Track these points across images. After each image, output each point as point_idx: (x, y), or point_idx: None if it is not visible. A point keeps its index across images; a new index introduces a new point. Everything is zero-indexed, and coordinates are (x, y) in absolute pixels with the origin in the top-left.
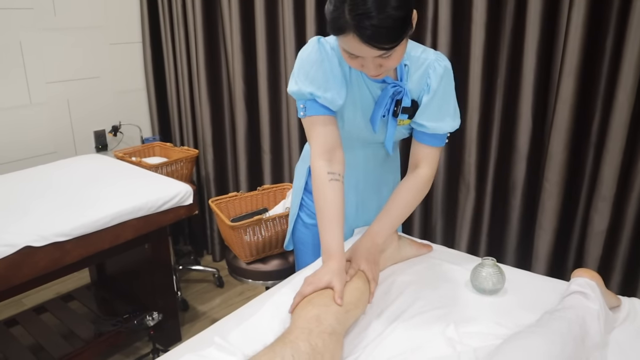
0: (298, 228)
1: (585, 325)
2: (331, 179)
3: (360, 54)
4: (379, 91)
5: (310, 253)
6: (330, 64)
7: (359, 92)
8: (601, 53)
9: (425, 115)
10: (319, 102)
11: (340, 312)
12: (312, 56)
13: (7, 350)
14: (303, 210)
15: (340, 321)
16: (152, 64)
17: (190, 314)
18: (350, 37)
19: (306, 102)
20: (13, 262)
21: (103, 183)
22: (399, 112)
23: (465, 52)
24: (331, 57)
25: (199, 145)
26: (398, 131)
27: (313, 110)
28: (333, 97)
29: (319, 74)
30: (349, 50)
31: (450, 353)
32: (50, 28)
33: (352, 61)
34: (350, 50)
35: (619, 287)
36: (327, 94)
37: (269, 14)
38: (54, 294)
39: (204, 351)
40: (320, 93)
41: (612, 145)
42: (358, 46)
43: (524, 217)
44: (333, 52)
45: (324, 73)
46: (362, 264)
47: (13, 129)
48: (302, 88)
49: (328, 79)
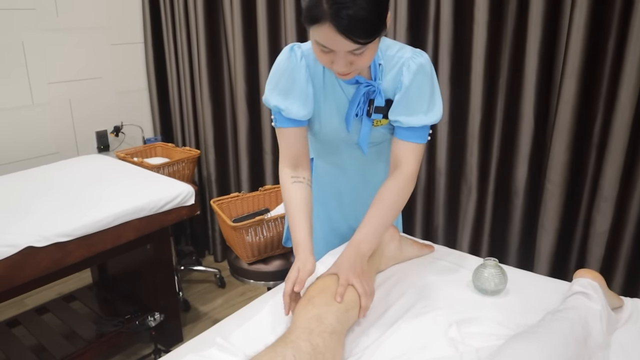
0: None
1: (587, 326)
2: (294, 182)
3: (333, 47)
4: (352, 91)
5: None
6: (297, 73)
7: (334, 95)
8: (603, 54)
9: (396, 110)
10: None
11: (341, 311)
12: (281, 65)
13: (9, 351)
14: None
15: (340, 320)
16: (154, 65)
17: (191, 315)
18: (325, 28)
19: (275, 113)
20: (15, 263)
21: (105, 183)
22: (372, 111)
23: (467, 52)
24: (299, 67)
25: (200, 145)
26: (376, 131)
27: (280, 122)
28: (297, 110)
29: (286, 85)
30: (322, 43)
31: (452, 353)
32: (53, 28)
33: (323, 56)
34: (323, 42)
35: (622, 287)
36: (293, 107)
37: (271, 14)
38: (55, 294)
39: (205, 352)
40: (284, 106)
41: (614, 146)
42: (332, 37)
43: (526, 218)
44: (303, 60)
45: (291, 83)
46: (351, 278)
47: (15, 129)
48: (270, 100)
49: (293, 89)
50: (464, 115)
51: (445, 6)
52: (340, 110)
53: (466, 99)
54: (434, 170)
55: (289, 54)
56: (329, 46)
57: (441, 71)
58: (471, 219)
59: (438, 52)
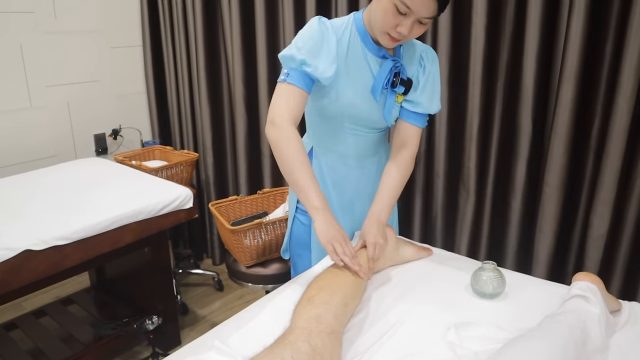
0: (295, 231)
1: (586, 329)
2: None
3: (417, 9)
4: (377, 66)
5: (308, 257)
6: (328, 41)
7: (358, 69)
8: (601, 57)
9: (421, 93)
10: (306, 73)
11: (340, 308)
12: (313, 30)
13: (7, 354)
14: (299, 212)
15: (339, 318)
16: (152, 68)
17: (190, 318)
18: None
19: (292, 69)
20: (13, 266)
21: (103, 187)
22: (398, 82)
23: (465, 55)
24: (330, 35)
25: (199, 148)
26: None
27: (295, 79)
28: (324, 69)
29: (316, 46)
30: (409, 3)
31: (450, 357)
32: (51, 32)
33: (392, 18)
34: (410, 3)
35: (620, 291)
36: (320, 64)
37: (269, 17)
38: (53, 297)
39: (203, 355)
40: (313, 62)
41: (612, 150)
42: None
43: (524, 221)
44: (332, 30)
45: (320, 46)
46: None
47: (13, 132)
48: (296, 54)
49: (323, 51)
50: (462, 118)
51: None
52: (364, 83)
53: (464, 102)
54: (432, 174)
55: (318, 22)
56: (413, 8)
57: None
58: (469, 222)
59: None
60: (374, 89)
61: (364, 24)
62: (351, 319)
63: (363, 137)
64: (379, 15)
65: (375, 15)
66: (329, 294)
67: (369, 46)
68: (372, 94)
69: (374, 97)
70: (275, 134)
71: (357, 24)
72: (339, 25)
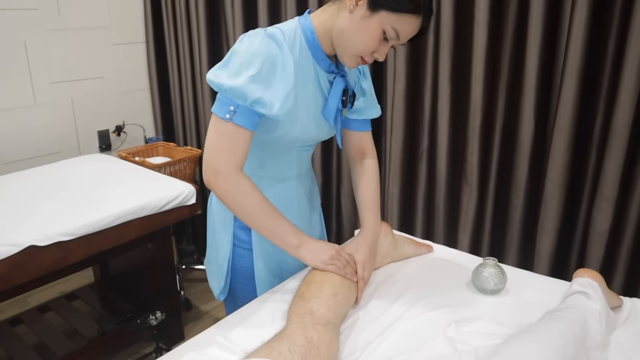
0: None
1: (586, 325)
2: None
3: (403, 36)
4: (328, 84)
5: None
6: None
7: (309, 89)
8: (603, 53)
9: (369, 100)
10: (257, 112)
11: (330, 298)
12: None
13: (12, 349)
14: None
15: (331, 308)
16: (155, 64)
17: (193, 313)
18: (414, 19)
19: (241, 106)
20: (17, 262)
21: (107, 183)
22: (347, 101)
23: (467, 52)
24: (286, 57)
25: (202, 145)
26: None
27: (245, 120)
28: (280, 105)
29: (270, 75)
30: (398, 30)
31: (451, 353)
32: (55, 28)
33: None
34: (401, 31)
35: (621, 287)
36: (276, 101)
37: (272, 13)
38: (58, 293)
39: (206, 350)
40: (268, 99)
41: (614, 146)
42: (412, 29)
43: (526, 217)
44: (288, 49)
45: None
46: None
47: (17, 129)
48: (248, 90)
49: (278, 81)
50: (465, 115)
51: (445, 6)
52: (315, 104)
53: (467, 98)
54: (435, 170)
55: (268, 40)
56: (401, 35)
57: (441, 71)
58: (471, 219)
59: (438, 52)
60: (327, 112)
61: (315, 34)
62: (351, 314)
63: (307, 153)
64: (359, 38)
65: (353, 36)
66: (317, 288)
67: (321, 62)
68: (326, 118)
69: (328, 122)
70: (224, 185)
71: (305, 34)
72: (289, 35)
